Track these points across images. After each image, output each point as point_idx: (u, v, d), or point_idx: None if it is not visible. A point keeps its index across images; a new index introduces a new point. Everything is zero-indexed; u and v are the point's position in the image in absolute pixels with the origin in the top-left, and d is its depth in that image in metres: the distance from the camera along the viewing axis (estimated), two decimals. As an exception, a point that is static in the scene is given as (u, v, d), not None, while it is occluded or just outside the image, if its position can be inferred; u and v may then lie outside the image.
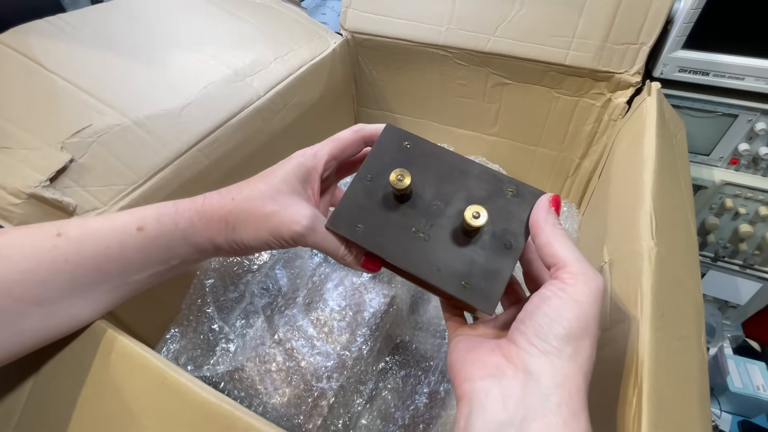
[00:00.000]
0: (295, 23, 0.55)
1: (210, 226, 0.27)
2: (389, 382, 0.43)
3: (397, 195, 0.26)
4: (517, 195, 0.27)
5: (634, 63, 0.46)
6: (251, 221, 0.26)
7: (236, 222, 0.26)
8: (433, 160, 0.28)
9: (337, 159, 0.30)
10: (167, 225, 0.26)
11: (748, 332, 0.75)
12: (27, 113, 0.32)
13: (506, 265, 0.25)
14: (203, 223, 0.27)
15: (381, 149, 0.29)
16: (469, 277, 0.25)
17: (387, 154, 0.28)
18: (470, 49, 0.51)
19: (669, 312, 0.27)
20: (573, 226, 0.53)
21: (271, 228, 0.26)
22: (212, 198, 0.27)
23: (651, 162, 0.35)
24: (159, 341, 0.39)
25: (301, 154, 0.29)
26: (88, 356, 0.26)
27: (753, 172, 0.57)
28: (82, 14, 0.41)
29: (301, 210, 0.26)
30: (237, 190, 0.27)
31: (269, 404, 0.37)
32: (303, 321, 0.40)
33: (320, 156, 0.29)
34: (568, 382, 0.20)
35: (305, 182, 0.28)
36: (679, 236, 0.34)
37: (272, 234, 0.26)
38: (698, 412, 0.25)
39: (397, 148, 0.28)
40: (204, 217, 0.27)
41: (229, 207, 0.27)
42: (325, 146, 0.29)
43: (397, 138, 0.29)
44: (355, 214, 0.27)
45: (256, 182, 0.28)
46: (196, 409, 0.23)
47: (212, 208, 0.27)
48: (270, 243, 0.27)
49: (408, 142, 0.29)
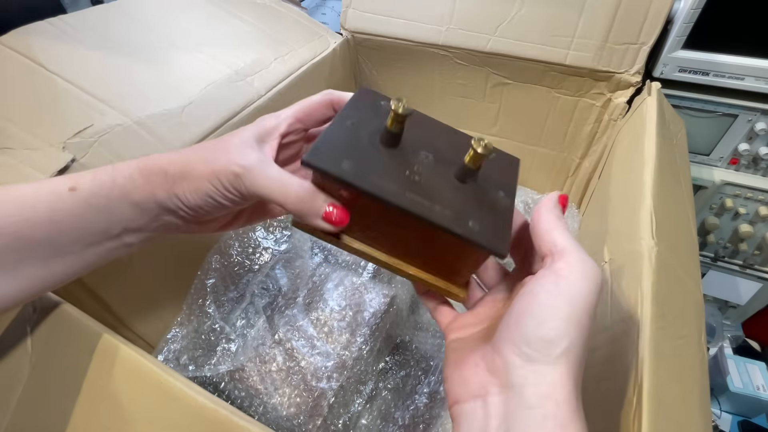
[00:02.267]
0: (295, 23, 0.55)
1: (150, 180, 0.24)
2: (389, 382, 0.43)
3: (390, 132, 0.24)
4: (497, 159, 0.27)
5: (634, 63, 0.46)
6: (191, 171, 0.24)
7: (176, 173, 0.24)
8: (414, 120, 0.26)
9: (302, 122, 0.28)
10: (104, 182, 0.24)
11: (748, 332, 0.75)
12: (28, 114, 0.32)
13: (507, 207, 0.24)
14: (143, 178, 0.24)
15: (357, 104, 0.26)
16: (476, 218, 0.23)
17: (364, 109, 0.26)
18: (470, 48, 0.51)
19: (669, 311, 0.27)
20: (573, 226, 0.53)
21: (209, 174, 0.24)
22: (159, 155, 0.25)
23: (651, 162, 0.35)
24: (160, 341, 0.39)
25: (263, 117, 0.27)
26: (83, 360, 0.25)
27: (753, 172, 0.57)
28: (83, 15, 0.41)
29: (245, 153, 0.24)
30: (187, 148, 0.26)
31: (269, 404, 0.37)
32: (303, 321, 0.40)
33: (283, 117, 0.27)
34: (555, 390, 0.18)
35: (261, 141, 0.26)
36: (680, 236, 0.34)
37: (210, 181, 0.24)
38: (698, 411, 0.25)
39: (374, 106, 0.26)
40: (144, 171, 0.24)
41: (171, 159, 0.25)
42: (290, 108, 0.28)
43: (373, 97, 0.27)
44: (338, 151, 0.23)
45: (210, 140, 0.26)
46: (193, 414, 0.23)
47: (153, 161, 0.25)
48: (212, 195, 0.24)
49: (384, 101, 0.27)
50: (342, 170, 0.22)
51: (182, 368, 0.38)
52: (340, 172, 0.22)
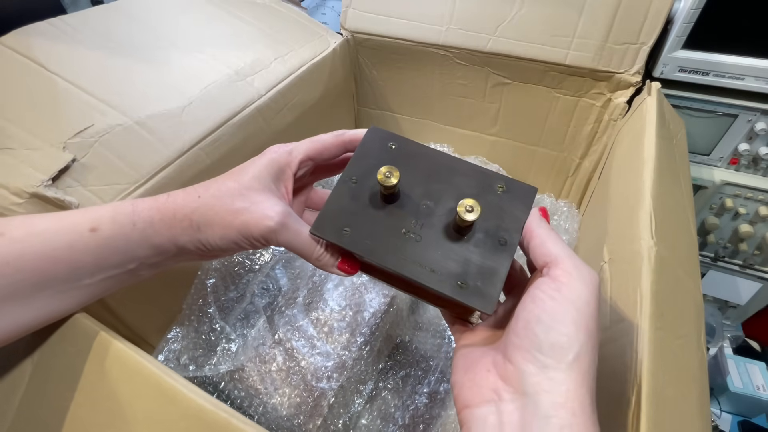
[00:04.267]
0: (295, 23, 0.55)
1: (172, 225, 0.25)
2: (389, 382, 0.43)
3: (385, 195, 0.25)
4: (507, 191, 0.26)
5: (634, 63, 0.46)
6: (218, 219, 0.25)
7: (202, 220, 0.25)
8: (420, 159, 0.27)
9: (313, 159, 0.29)
10: (124, 225, 0.24)
11: (748, 332, 0.75)
12: (29, 114, 0.32)
13: (502, 262, 0.24)
14: (165, 222, 0.25)
15: (365, 151, 0.28)
16: (465, 277, 0.24)
17: (372, 156, 0.27)
18: (470, 48, 0.51)
19: (669, 311, 0.27)
20: (573, 226, 0.53)
21: (240, 225, 0.24)
22: (176, 195, 0.26)
23: (651, 162, 0.35)
24: (160, 341, 0.39)
25: (274, 150, 0.27)
26: (83, 359, 0.25)
27: (753, 172, 0.57)
28: (83, 15, 0.41)
29: (272, 206, 0.25)
30: (204, 188, 0.26)
31: (269, 404, 0.37)
32: (303, 321, 0.40)
33: (295, 154, 0.27)
34: (570, 399, 0.18)
35: (278, 179, 0.26)
36: (679, 236, 0.34)
37: (241, 232, 0.25)
38: (698, 411, 0.25)
39: (382, 150, 0.28)
40: (166, 216, 0.25)
41: (195, 205, 0.25)
42: (301, 145, 0.28)
43: (382, 139, 0.28)
44: (340, 218, 0.25)
45: (225, 179, 0.26)
46: (191, 415, 0.23)
47: (176, 206, 0.25)
48: (239, 242, 0.25)
49: (393, 143, 0.28)
50: (343, 240, 0.25)
51: (182, 368, 0.38)
52: (341, 242, 0.25)
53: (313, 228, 0.25)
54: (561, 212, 0.55)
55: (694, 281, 0.32)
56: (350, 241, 0.25)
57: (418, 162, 0.27)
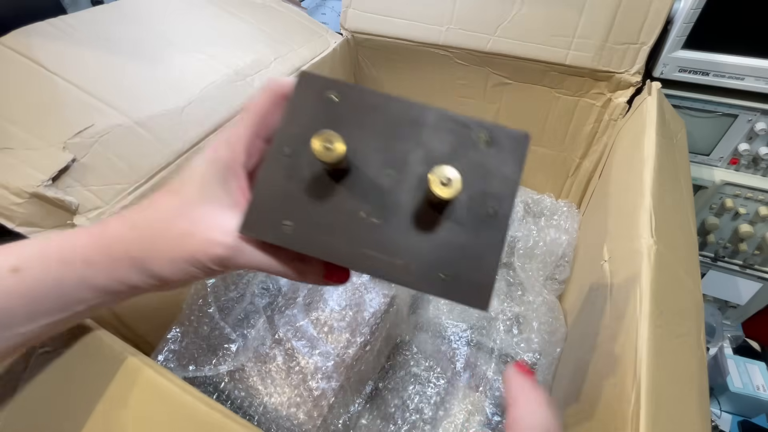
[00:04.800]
0: (295, 23, 0.55)
1: (114, 266, 0.20)
2: (389, 382, 0.43)
3: (330, 171, 0.20)
4: (492, 142, 0.20)
5: (634, 63, 0.46)
6: (161, 253, 0.20)
7: (143, 256, 0.20)
8: (373, 113, 0.20)
9: (260, 136, 0.22)
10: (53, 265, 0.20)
11: (748, 332, 0.75)
12: (29, 114, 0.32)
13: (493, 239, 0.19)
14: (105, 262, 0.20)
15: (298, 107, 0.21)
16: (447, 266, 0.19)
17: (307, 115, 0.20)
18: (470, 48, 0.51)
19: (668, 310, 0.27)
20: (573, 226, 0.53)
21: (187, 256, 0.20)
22: (110, 227, 0.21)
23: (651, 161, 0.35)
24: (160, 341, 0.39)
25: (213, 148, 0.21)
26: (81, 360, 0.25)
27: (753, 172, 0.57)
28: (83, 16, 0.41)
29: (221, 224, 0.20)
30: (138, 212, 0.21)
31: (270, 404, 0.37)
32: (303, 321, 0.40)
33: (235, 140, 0.21)
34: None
35: (224, 182, 0.21)
36: (679, 235, 0.34)
37: (190, 263, 0.20)
38: (697, 409, 0.25)
39: (320, 104, 0.20)
40: (103, 253, 0.20)
41: (129, 238, 0.20)
42: (239, 127, 0.22)
43: (319, 89, 0.21)
44: (276, 208, 0.19)
45: (161, 196, 0.21)
46: (187, 416, 0.23)
47: (110, 241, 0.21)
48: (194, 274, 0.20)
49: (334, 92, 0.20)
50: (284, 237, 0.19)
51: (182, 368, 0.38)
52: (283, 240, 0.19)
53: (242, 227, 0.19)
54: (561, 212, 0.55)
55: (693, 280, 0.32)
56: (294, 238, 0.19)
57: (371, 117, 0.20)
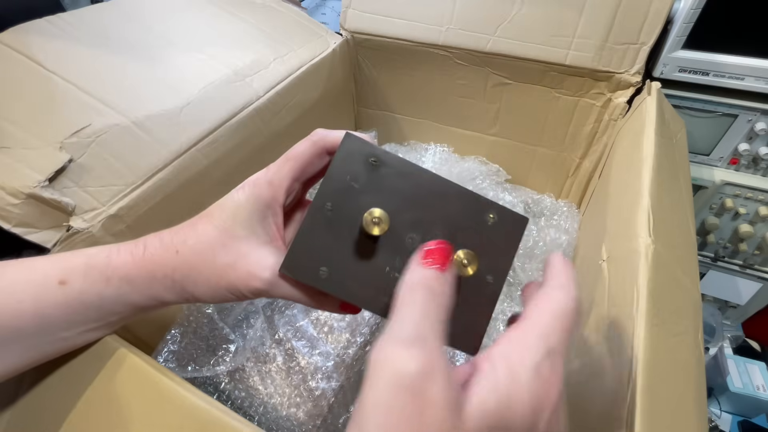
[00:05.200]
0: (295, 23, 0.55)
1: (152, 285, 0.23)
2: (389, 383, 0.43)
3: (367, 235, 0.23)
4: (498, 221, 0.24)
5: (634, 63, 0.46)
6: (203, 279, 0.22)
7: (185, 281, 0.22)
8: (404, 181, 0.23)
9: (299, 180, 0.25)
10: (96, 281, 0.22)
11: (748, 332, 0.75)
12: (26, 113, 0.32)
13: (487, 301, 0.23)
14: (144, 281, 0.22)
15: (341, 168, 0.23)
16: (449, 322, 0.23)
17: (348, 174, 0.23)
18: (470, 49, 0.51)
19: (665, 309, 0.27)
20: (573, 226, 0.53)
21: (227, 285, 0.22)
22: (153, 248, 0.23)
23: (650, 161, 0.35)
24: (159, 342, 0.39)
25: (253, 183, 0.24)
26: (81, 360, 0.25)
27: (753, 172, 0.57)
28: (82, 14, 0.40)
29: (261, 260, 0.22)
30: (181, 238, 0.23)
31: (269, 404, 0.37)
32: (303, 321, 0.40)
33: (278, 183, 0.24)
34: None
35: (264, 218, 0.23)
36: (678, 234, 0.34)
37: (230, 291, 0.22)
38: (694, 408, 0.25)
39: (361, 165, 0.23)
40: (144, 272, 0.22)
41: (174, 263, 0.22)
42: (281, 169, 0.24)
43: (361, 152, 0.23)
44: (315, 254, 0.22)
45: (205, 225, 0.23)
46: (186, 414, 0.23)
47: (153, 263, 0.23)
48: (229, 299, 0.23)
49: (374, 157, 0.23)
50: (320, 282, 0.22)
51: (182, 369, 0.38)
52: (318, 283, 0.22)
53: (284, 267, 0.22)
54: (561, 212, 0.55)
55: (692, 280, 0.32)
56: (329, 283, 0.22)
57: (402, 183, 0.23)
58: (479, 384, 0.17)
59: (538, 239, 0.52)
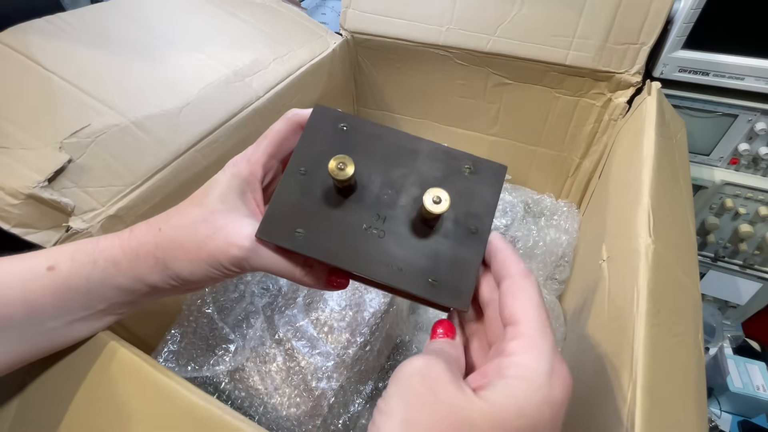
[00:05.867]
0: (294, 23, 0.55)
1: (136, 265, 0.23)
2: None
3: (340, 187, 0.23)
4: (475, 172, 0.24)
5: (634, 63, 0.46)
6: (183, 253, 0.23)
7: (167, 257, 0.23)
8: (376, 141, 0.24)
9: (276, 157, 0.26)
10: (83, 263, 0.23)
11: (748, 332, 0.75)
12: (25, 113, 0.32)
13: (474, 252, 0.22)
14: (128, 261, 0.23)
15: (313, 135, 0.24)
16: (435, 273, 0.22)
17: (320, 141, 0.24)
18: (470, 49, 0.51)
19: (665, 308, 0.27)
20: (573, 226, 0.53)
21: (207, 257, 0.22)
22: (139, 230, 0.24)
23: (650, 160, 0.35)
24: (159, 342, 0.39)
25: (233, 163, 0.25)
26: (81, 360, 0.25)
27: (753, 172, 0.57)
28: (82, 14, 0.40)
29: (240, 229, 0.23)
30: (164, 219, 0.24)
31: (269, 404, 0.37)
32: (303, 321, 0.40)
33: (255, 160, 0.25)
34: None
35: (243, 194, 0.24)
36: (678, 234, 0.34)
37: (210, 263, 0.23)
38: (694, 408, 0.25)
39: (331, 132, 0.24)
40: (129, 254, 0.23)
41: (156, 240, 0.23)
42: (258, 147, 0.25)
43: (331, 120, 0.25)
44: (291, 217, 0.23)
45: (187, 206, 0.24)
46: (186, 413, 0.23)
47: (138, 243, 0.23)
48: (212, 275, 0.23)
49: (344, 123, 0.24)
50: (297, 243, 0.22)
51: (182, 369, 0.38)
52: (295, 245, 0.22)
53: (260, 231, 0.22)
54: (561, 212, 0.55)
55: (692, 280, 0.32)
56: (305, 243, 0.22)
57: (374, 145, 0.24)
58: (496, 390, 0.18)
59: (538, 239, 0.51)
